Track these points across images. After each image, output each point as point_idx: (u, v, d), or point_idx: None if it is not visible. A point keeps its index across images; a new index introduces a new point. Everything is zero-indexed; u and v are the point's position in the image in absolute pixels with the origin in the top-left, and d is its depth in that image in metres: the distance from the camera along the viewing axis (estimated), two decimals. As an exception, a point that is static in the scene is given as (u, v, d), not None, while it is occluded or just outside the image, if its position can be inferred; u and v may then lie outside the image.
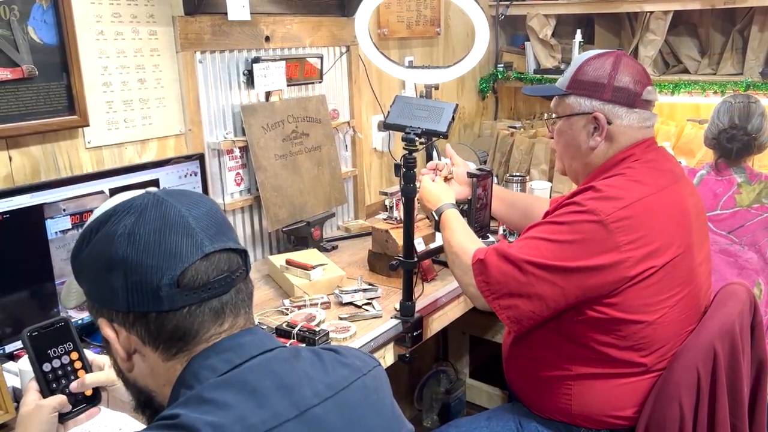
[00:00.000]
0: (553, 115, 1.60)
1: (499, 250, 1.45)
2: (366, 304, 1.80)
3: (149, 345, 0.80)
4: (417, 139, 1.61)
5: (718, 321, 1.45)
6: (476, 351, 2.90)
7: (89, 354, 1.00)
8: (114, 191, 1.61)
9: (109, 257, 0.79)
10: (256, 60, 2.05)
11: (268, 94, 2.14)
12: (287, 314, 1.73)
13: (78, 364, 0.96)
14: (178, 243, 0.78)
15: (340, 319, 1.71)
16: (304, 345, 1.51)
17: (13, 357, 1.44)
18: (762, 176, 2.16)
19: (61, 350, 0.96)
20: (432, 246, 1.89)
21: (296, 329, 1.55)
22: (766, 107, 2.19)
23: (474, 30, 2.22)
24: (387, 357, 1.69)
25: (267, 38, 2.10)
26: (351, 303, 1.80)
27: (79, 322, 1.56)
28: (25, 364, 1.32)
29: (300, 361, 0.84)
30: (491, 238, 2.14)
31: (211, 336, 0.81)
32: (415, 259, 1.66)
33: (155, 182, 1.72)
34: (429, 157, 2.48)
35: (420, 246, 1.87)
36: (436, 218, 1.65)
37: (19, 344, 1.47)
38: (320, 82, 2.31)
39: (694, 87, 2.75)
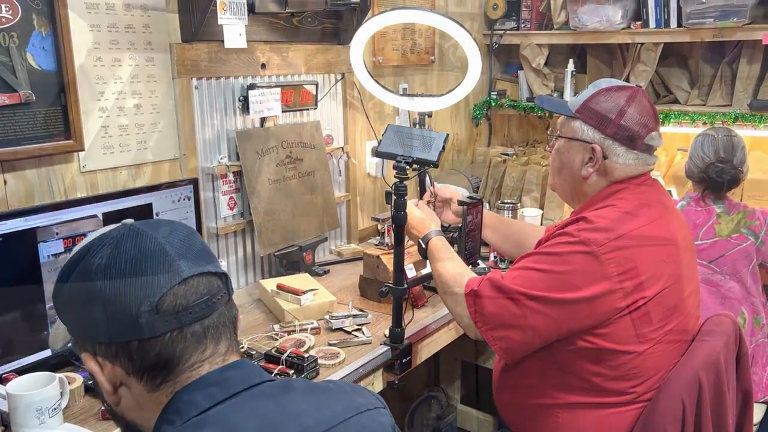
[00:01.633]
0: (557, 133, 1.61)
1: (493, 281, 1.45)
2: (356, 330, 1.80)
3: (134, 376, 0.80)
4: (408, 167, 1.63)
5: (704, 352, 1.46)
6: (468, 377, 2.90)
7: None
8: (107, 215, 1.63)
9: (87, 291, 0.80)
10: (252, 87, 2.07)
11: (263, 120, 2.16)
12: (277, 339, 1.73)
13: None
14: (155, 270, 0.79)
15: (330, 345, 1.72)
16: (293, 373, 1.52)
17: (1, 380, 1.44)
18: (740, 206, 2.18)
19: None
20: (422, 272, 1.90)
21: (285, 355, 1.56)
22: (745, 139, 2.23)
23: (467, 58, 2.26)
24: (376, 384, 1.70)
25: (263, 65, 2.13)
26: (341, 329, 1.81)
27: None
28: (13, 387, 1.32)
29: (290, 395, 0.82)
30: (481, 265, 2.15)
31: (194, 363, 0.80)
32: (405, 286, 1.67)
33: (148, 207, 1.73)
34: (422, 185, 2.49)
35: (411, 272, 1.88)
36: (423, 246, 1.65)
37: (8, 367, 1.48)
38: (315, 109, 2.34)
39: (683, 117, 2.79)
